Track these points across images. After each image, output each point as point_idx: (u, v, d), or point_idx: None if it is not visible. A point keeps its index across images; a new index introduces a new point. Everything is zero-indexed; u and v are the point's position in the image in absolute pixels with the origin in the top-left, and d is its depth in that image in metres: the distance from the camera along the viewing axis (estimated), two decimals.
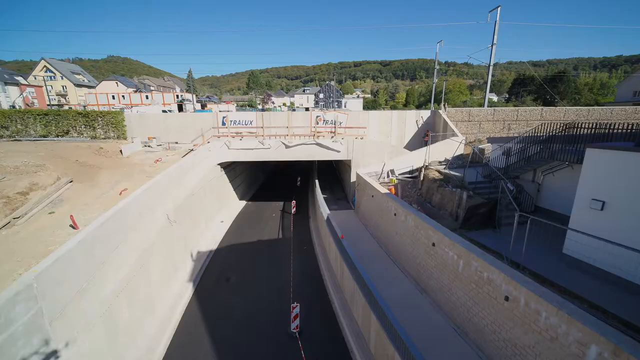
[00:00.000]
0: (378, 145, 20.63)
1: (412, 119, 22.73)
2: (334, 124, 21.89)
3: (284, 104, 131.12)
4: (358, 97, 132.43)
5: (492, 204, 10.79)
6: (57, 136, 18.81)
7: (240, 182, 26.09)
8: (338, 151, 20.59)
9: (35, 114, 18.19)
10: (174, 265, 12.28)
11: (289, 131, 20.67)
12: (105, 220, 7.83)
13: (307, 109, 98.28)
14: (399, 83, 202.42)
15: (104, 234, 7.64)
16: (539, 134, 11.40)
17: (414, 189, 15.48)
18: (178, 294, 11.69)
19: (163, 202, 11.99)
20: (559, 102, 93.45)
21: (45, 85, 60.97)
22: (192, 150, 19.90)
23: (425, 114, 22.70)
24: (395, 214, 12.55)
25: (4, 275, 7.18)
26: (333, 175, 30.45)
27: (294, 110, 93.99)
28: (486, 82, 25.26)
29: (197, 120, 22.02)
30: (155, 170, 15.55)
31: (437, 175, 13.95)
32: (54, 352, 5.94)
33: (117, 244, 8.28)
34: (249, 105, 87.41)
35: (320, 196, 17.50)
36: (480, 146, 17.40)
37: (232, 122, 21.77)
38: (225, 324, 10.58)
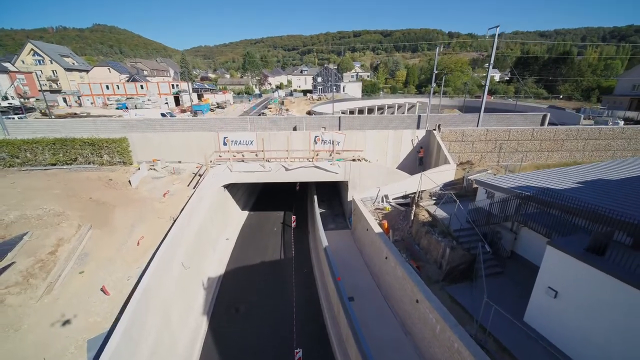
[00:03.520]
0: (374, 166, 21.57)
1: (408, 138, 23.47)
2: (332, 143, 22.61)
3: (282, 84, 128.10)
4: (358, 75, 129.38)
5: (471, 260, 12.17)
6: (66, 164, 19.58)
7: (242, 193, 27.26)
8: (336, 173, 21.57)
9: (43, 144, 18.83)
10: (189, 303, 13.85)
11: (288, 154, 21.46)
12: (137, 301, 9.14)
13: (304, 93, 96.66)
14: (400, 58, 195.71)
15: (137, 316, 9.00)
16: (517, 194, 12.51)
17: (405, 222, 16.78)
18: (194, 329, 13.36)
19: (178, 252, 13.27)
20: (561, 85, 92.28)
21: (35, 73, 59.26)
22: (196, 174, 20.84)
23: (420, 133, 23.40)
24: (386, 257, 13.97)
25: (59, 354, 8.66)
26: (331, 186, 31.25)
27: (291, 94, 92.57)
28: (490, 55, 24.70)
29: (199, 139, 22.73)
30: (165, 207, 16.69)
31: (426, 216, 15.20)
32: None
33: (146, 315, 9.69)
34: (246, 93, 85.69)
35: (319, 223, 18.76)
36: (470, 177, 18.45)
37: (233, 142, 22.46)
38: None
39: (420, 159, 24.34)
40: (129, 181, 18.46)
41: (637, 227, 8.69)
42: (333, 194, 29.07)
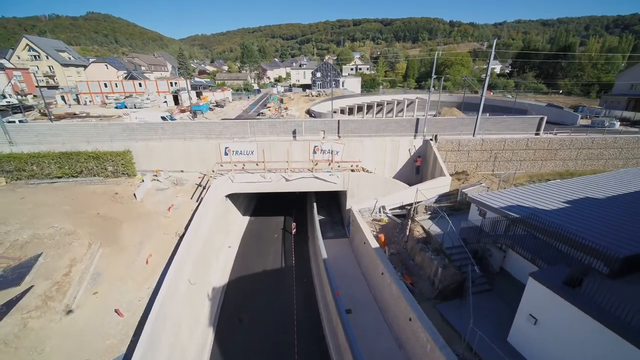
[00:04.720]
0: (372, 177, 22.18)
1: (405, 147, 23.97)
2: (331, 153, 23.12)
3: (280, 77, 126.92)
4: (357, 68, 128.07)
5: (462, 280, 12.93)
6: (72, 176, 20.08)
7: (243, 199, 27.86)
8: (335, 183, 22.18)
9: (49, 158, 19.30)
10: (196, 316, 14.65)
11: (288, 165, 21.99)
12: (151, 325, 9.89)
13: (303, 88, 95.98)
14: (400, 48, 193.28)
15: (152, 337, 9.77)
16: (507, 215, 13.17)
17: (401, 236, 17.50)
18: (201, 341, 14.20)
19: (185, 269, 13.98)
20: (561, 80, 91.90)
21: (33, 73, 58.64)
22: (199, 185, 21.41)
23: (417, 142, 23.88)
24: (382, 273, 14.73)
25: None
26: (330, 193, 31.58)
27: (290, 89, 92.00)
28: (491, 45, 24.79)
29: (201, 149, 23.19)
30: (171, 222, 17.34)
31: (421, 232, 15.90)
32: None
33: (160, 336, 10.46)
34: (244, 89, 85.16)
35: (318, 233, 19.46)
36: (464, 190, 19.06)
37: (234, 153, 22.96)
38: None
39: (417, 168, 24.91)
40: (134, 194, 19.03)
41: (612, 258, 9.38)
42: (332, 200, 29.65)
